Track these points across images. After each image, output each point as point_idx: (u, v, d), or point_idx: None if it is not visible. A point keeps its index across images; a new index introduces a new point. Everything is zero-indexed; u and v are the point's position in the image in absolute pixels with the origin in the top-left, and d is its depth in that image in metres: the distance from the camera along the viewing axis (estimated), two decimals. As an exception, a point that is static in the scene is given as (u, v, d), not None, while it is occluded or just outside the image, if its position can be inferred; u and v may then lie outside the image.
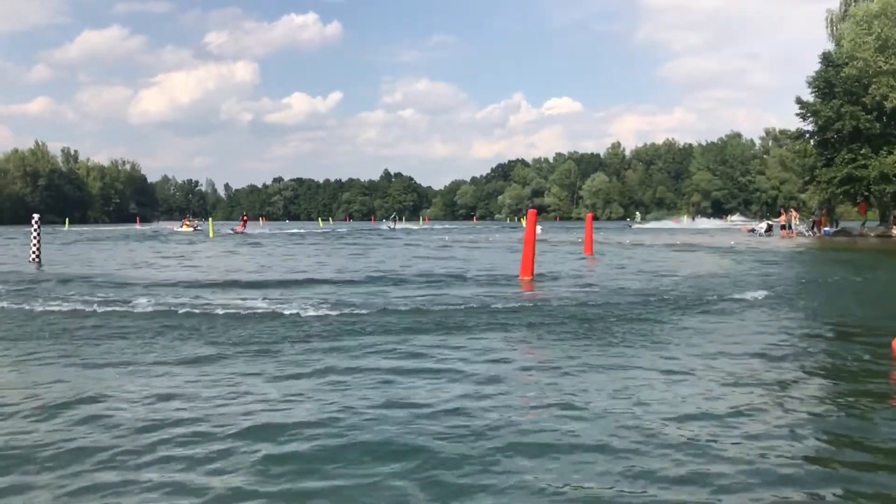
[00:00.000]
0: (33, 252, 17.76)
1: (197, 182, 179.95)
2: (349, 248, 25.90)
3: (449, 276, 13.40)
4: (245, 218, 47.69)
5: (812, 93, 35.24)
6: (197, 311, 8.48)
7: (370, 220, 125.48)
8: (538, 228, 45.87)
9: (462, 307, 8.79)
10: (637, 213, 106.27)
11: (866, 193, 34.07)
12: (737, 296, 9.99)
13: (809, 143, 37.38)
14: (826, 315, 8.52)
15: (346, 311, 8.47)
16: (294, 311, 8.34)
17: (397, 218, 62.48)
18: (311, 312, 8.29)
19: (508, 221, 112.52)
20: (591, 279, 13.17)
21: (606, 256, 19.98)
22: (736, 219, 68.81)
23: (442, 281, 12.66)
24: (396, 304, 9.19)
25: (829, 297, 10.40)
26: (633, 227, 63.06)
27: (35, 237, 17.90)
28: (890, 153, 32.53)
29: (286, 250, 25.03)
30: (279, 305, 8.86)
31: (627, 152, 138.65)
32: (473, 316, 8.15)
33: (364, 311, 8.46)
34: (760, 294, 10.19)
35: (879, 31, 31.45)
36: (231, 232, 43.21)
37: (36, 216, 18.35)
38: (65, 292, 10.54)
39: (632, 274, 14.23)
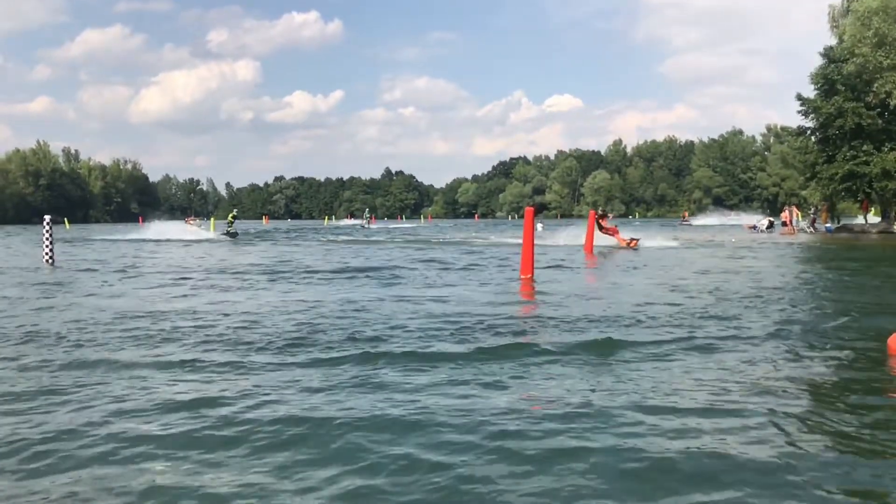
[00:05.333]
0: (46, 252, 17.79)
1: (198, 181, 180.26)
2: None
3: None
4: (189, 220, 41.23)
5: (814, 89, 35.20)
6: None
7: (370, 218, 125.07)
8: (539, 226, 46.00)
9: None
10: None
11: (868, 190, 34.00)
12: (729, 292, 9.98)
13: (811, 139, 37.31)
14: (823, 310, 8.49)
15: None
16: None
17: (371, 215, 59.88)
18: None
19: (510, 219, 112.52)
20: (591, 282, 13.15)
21: (606, 256, 19.96)
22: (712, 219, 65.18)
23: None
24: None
25: (827, 292, 10.37)
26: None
27: (48, 238, 17.94)
28: (892, 150, 32.48)
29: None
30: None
31: (629, 149, 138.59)
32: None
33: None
34: (756, 289, 10.18)
35: (878, 26, 31.38)
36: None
37: (47, 217, 18.47)
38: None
39: (631, 276, 14.21)
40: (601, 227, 23.16)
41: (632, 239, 22.72)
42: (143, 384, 5.18)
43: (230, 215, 39.43)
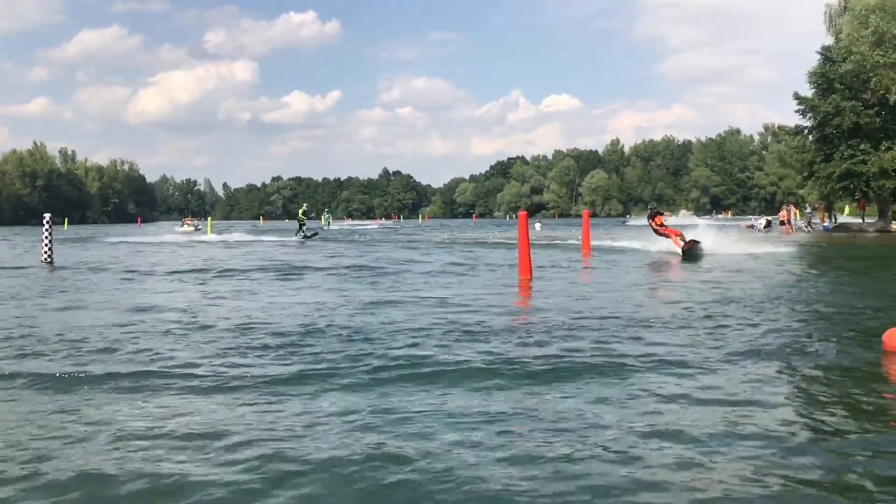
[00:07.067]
0: (45, 252, 17.66)
1: (195, 182, 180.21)
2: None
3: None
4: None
5: (811, 88, 35.23)
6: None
7: (371, 218, 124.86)
8: (537, 226, 45.79)
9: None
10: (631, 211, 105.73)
11: (865, 189, 34.06)
12: (728, 291, 9.98)
13: (808, 138, 37.36)
14: (817, 307, 8.49)
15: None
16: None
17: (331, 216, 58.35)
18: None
19: (507, 219, 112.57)
20: (587, 282, 13.15)
21: (604, 255, 19.98)
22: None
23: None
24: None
25: (821, 290, 10.38)
26: (627, 223, 61.57)
27: (47, 237, 17.78)
28: (889, 148, 32.51)
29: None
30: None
31: (626, 149, 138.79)
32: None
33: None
34: (754, 289, 10.19)
35: (875, 25, 31.44)
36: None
37: (47, 216, 18.22)
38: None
39: (629, 274, 14.22)
40: (655, 230, 19.92)
41: (692, 241, 18.27)
42: (141, 401, 5.17)
43: (300, 211, 30.68)
